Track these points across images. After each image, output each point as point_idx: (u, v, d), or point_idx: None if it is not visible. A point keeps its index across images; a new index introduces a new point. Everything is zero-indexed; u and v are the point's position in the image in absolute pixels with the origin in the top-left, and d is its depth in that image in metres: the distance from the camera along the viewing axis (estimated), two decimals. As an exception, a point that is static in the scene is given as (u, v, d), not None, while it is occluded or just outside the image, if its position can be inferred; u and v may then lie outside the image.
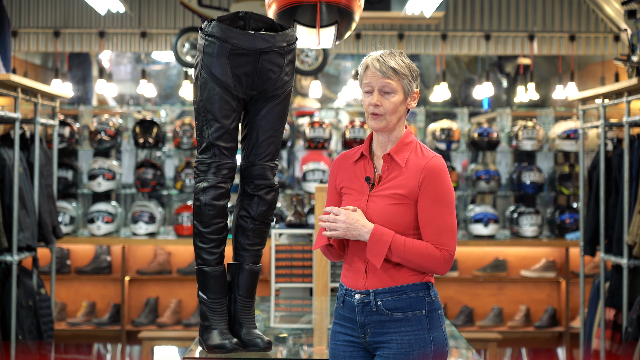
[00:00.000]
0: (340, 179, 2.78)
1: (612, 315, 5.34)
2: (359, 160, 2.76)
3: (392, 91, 2.66)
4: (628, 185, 5.23)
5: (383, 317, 2.64)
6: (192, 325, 6.85)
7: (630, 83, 5.11)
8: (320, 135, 7.24)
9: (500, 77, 9.85)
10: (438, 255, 2.61)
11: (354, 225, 2.61)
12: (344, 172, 2.77)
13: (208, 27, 3.01)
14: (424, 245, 2.61)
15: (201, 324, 3.11)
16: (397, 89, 2.66)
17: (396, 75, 2.65)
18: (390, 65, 2.65)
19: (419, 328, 2.63)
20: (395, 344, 2.62)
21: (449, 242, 2.62)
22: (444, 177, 2.64)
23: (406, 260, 2.60)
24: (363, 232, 2.61)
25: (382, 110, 2.66)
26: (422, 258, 2.60)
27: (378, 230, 2.60)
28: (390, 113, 2.67)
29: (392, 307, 2.63)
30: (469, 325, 6.98)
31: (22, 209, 5.23)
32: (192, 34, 6.79)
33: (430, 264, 2.61)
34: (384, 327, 2.64)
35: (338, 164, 2.81)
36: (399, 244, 2.59)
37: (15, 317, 5.06)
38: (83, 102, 9.12)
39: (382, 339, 2.64)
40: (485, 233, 7.05)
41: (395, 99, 2.67)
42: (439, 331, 2.65)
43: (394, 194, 2.64)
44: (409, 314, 2.63)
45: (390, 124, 2.68)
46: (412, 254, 2.60)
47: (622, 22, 7.30)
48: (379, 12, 7.09)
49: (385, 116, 2.67)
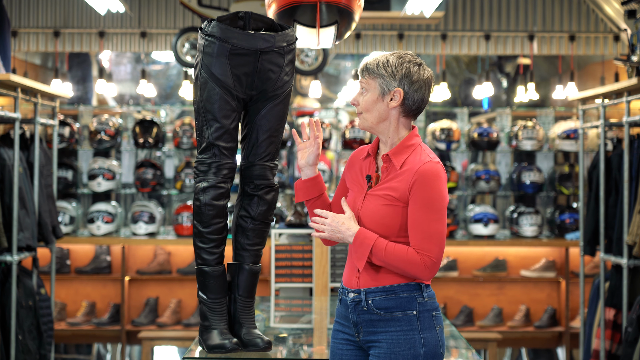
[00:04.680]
0: (349, 174, 2.82)
1: (612, 315, 5.34)
2: (366, 158, 2.78)
3: (365, 89, 2.71)
4: (628, 185, 5.23)
5: (374, 317, 2.64)
6: (192, 325, 6.85)
7: (630, 83, 5.11)
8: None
9: (500, 77, 9.85)
10: (418, 261, 2.58)
11: (338, 229, 2.66)
12: (353, 167, 2.81)
13: (208, 27, 3.01)
14: (404, 251, 2.59)
15: (201, 324, 3.11)
16: (370, 87, 2.70)
17: (369, 74, 2.69)
18: (366, 65, 2.70)
19: (409, 328, 2.62)
20: (385, 344, 2.63)
21: (432, 248, 2.58)
22: (435, 182, 2.61)
23: (387, 264, 2.61)
24: (347, 235, 2.65)
25: (360, 108, 2.73)
26: (402, 263, 2.59)
27: (361, 234, 2.63)
28: (366, 111, 2.71)
29: (382, 306, 2.63)
30: (469, 325, 6.98)
31: (22, 209, 5.23)
32: (192, 34, 6.79)
33: (411, 270, 2.59)
34: (375, 327, 2.65)
35: (352, 159, 2.85)
36: (380, 247, 2.60)
37: (15, 317, 5.05)
38: (83, 102, 9.12)
39: (374, 338, 2.65)
40: (485, 233, 7.05)
41: (368, 97, 2.70)
42: (431, 332, 2.63)
43: (386, 195, 2.65)
44: (399, 313, 2.63)
45: (368, 122, 2.72)
46: (392, 258, 2.59)
47: (622, 22, 7.30)
48: (379, 12, 7.08)
49: (363, 114, 2.72)
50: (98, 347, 7.58)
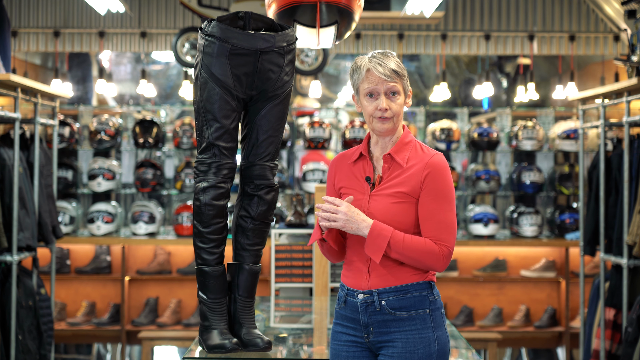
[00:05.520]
0: (338, 178, 2.78)
1: (612, 315, 5.34)
2: (358, 160, 2.76)
3: (397, 92, 2.68)
4: (628, 185, 5.23)
5: (387, 317, 2.64)
6: (192, 325, 6.85)
7: (630, 83, 5.11)
8: (320, 135, 7.24)
9: (500, 77, 9.85)
10: (437, 251, 2.60)
11: (354, 219, 2.61)
12: (342, 172, 2.77)
13: (208, 27, 3.01)
14: (422, 241, 2.60)
15: (201, 324, 3.11)
16: (401, 90, 2.69)
17: (398, 77, 2.68)
18: (392, 67, 2.66)
19: (423, 327, 2.63)
20: (399, 343, 2.62)
21: (448, 238, 2.62)
22: (446, 173, 2.65)
23: (405, 256, 2.60)
24: (362, 227, 2.60)
25: (391, 113, 2.67)
26: (421, 254, 2.60)
27: (377, 226, 2.60)
28: (398, 115, 2.69)
29: (396, 306, 2.63)
30: (469, 325, 6.98)
31: (22, 209, 5.23)
32: (192, 34, 6.79)
33: (429, 260, 2.61)
34: (388, 327, 2.64)
35: (336, 164, 2.81)
36: (398, 239, 2.59)
37: (15, 317, 5.05)
38: (83, 102, 9.12)
39: (387, 338, 2.65)
40: (485, 233, 7.05)
41: (401, 101, 2.69)
42: (442, 330, 2.66)
43: (396, 192, 2.64)
44: (413, 312, 2.63)
45: (396, 126, 2.70)
46: (411, 249, 2.59)
47: (622, 22, 7.30)
48: (379, 12, 7.08)
49: (394, 119, 2.68)
50: (98, 347, 7.58)
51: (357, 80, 2.71)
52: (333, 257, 2.78)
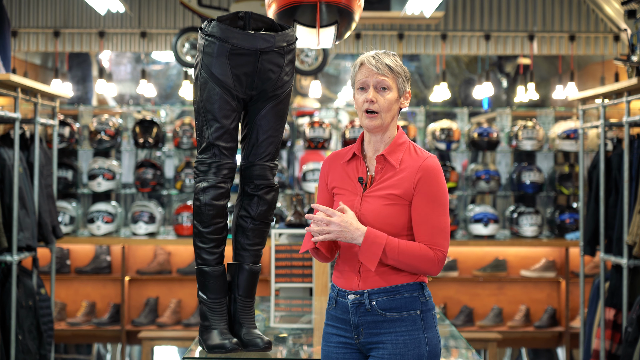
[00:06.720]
0: (331, 178, 2.76)
1: (612, 315, 5.34)
2: (351, 160, 2.73)
3: (387, 88, 2.65)
4: (628, 185, 5.23)
5: (377, 318, 2.62)
6: (192, 325, 6.85)
7: (630, 83, 5.11)
8: (320, 135, 7.24)
9: (500, 77, 9.85)
10: (432, 256, 2.59)
11: (348, 228, 2.57)
12: (335, 172, 2.75)
13: (208, 27, 3.01)
14: (417, 247, 2.59)
15: (201, 324, 3.11)
16: (392, 86, 2.66)
17: (391, 73, 2.65)
18: (386, 62, 2.65)
19: (413, 328, 2.61)
20: (390, 344, 2.61)
21: (442, 242, 2.60)
22: (440, 177, 2.63)
23: (400, 262, 2.58)
24: (356, 236, 2.57)
25: (377, 107, 2.64)
26: (417, 259, 2.58)
27: (371, 234, 2.57)
28: (385, 110, 2.65)
29: (386, 307, 2.61)
30: (469, 325, 6.98)
31: (22, 209, 5.23)
32: (192, 34, 6.79)
33: (424, 265, 2.59)
34: (378, 328, 2.62)
35: (329, 163, 2.79)
36: (393, 246, 2.57)
37: (15, 317, 5.05)
38: (83, 102, 9.12)
39: (377, 340, 2.63)
40: (485, 233, 7.05)
41: (390, 96, 2.66)
42: (433, 331, 2.64)
43: (388, 194, 2.63)
44: (404, 314, 2.61)
45: (384, 123, 2.66)
46: (406, 255, 2.57)
47: (622, 22, 7.30)
48: (379, 12, 7.08)
49: (381, 114, 2.65)
50: (98, 347, 7.58)
51: (353, 74, 2.71)
52: (325, 260, 2.76)
